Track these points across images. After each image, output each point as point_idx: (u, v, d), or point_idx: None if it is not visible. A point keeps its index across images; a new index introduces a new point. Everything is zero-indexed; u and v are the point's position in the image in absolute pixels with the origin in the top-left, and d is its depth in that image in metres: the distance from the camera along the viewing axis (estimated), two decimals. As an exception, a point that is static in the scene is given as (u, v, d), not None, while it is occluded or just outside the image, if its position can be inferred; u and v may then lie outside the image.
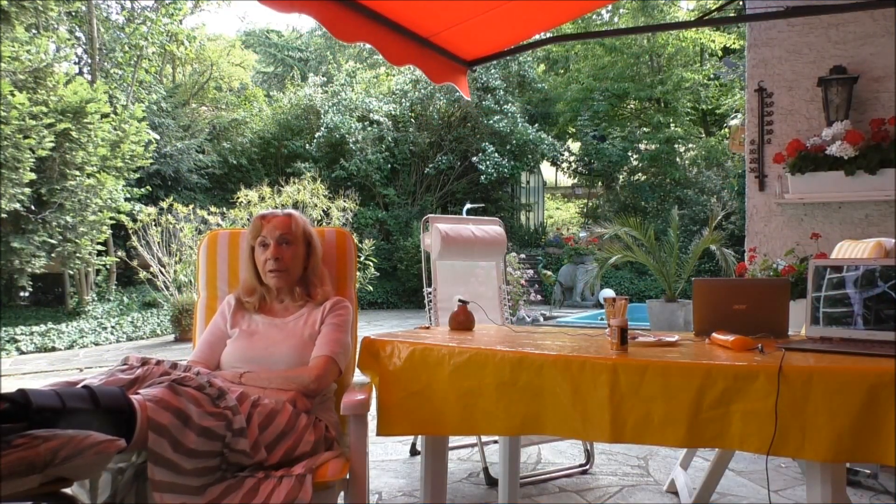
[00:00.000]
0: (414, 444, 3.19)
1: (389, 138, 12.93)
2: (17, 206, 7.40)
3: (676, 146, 14.06)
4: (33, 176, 7.45)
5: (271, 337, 1.90)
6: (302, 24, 24.31)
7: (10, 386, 4.57)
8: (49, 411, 1.22)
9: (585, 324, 8.12)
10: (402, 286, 11.93)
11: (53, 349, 7.32)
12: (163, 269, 7.94)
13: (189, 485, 1.36)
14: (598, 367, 1.52)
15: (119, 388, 1.38)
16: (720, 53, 14.56)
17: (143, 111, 9.42)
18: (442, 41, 3.46)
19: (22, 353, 7.09)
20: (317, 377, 1.78)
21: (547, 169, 16.84)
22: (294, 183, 9.12)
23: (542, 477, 2.80)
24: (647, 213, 13.04)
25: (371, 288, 9.83)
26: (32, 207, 7.95)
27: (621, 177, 14.61)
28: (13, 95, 7.19)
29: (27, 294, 8.55)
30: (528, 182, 15.08)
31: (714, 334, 1.73)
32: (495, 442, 2.98)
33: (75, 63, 11.50)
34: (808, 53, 4.62)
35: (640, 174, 14.45)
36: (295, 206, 8.57)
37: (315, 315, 1.94)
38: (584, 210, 15.54)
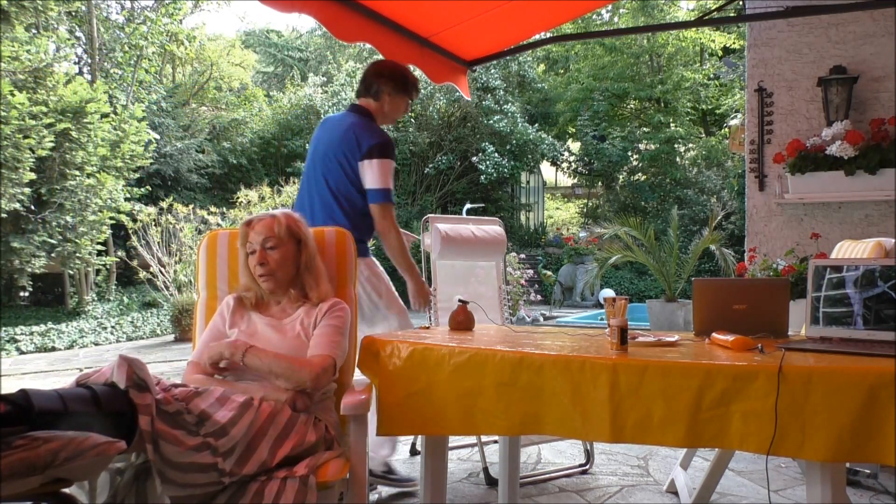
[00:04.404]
0: (414, 444, 3.19)
1: (389, 138, 12.92)
2: (17, 206, 7.41)
3: (676, 146, 14.06)
4: (33, 176, 7.46)
5: (269, 337, 1.89)
6: (302, 23, 24.32)
7: (10, 386, 4.57)
8: (50, 413, 1.22)
9: (585, 324, 8.12)
10: (403, 286, 11.91)
11: (53, 349, 7.32)
12: (163, 269, 7.94)
13: (196, 483, 1.38)
14: (598, 367, 1.52)
15: (123, 389, 1.38)
16: (720, 53, 14.56)
17: (143, 111, 9.42)
18: (442, 41, 3.47)
19: (22, 353, 7.09)
20: (316, 375, 1.76)
21: (547, 169, 16.84)
22: (294, 183, 9.11)
23: (542, 477, 2.80)
24: (647, 213, 13.03)
25: (371, 288, 9.79)
26: (32, 207, 7.95)
27: (621, 177, 14.60)
28: (13, 95, 7.19)
29: (27, 294, 8.56)
30: (528, 182, 15.08)
31: (714, 334, 1.73)
32: (495, 442, 2.98)
33: (75, 63, 11.50)
34: (808, 53, 4.62)
35: (640, 174, 14.45)
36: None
37: (312, 316, 1.93)
38: (584, 210, 15.54)
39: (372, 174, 2.42)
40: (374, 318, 2.56)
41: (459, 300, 2.19)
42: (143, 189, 9.53)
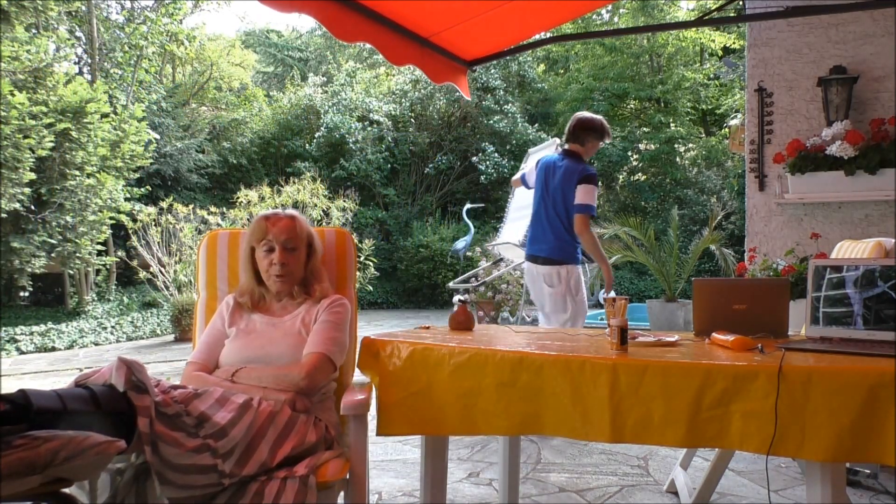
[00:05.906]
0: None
1: (389, 138, 12.93)
2: (17, 206, 7.40)
3: (676, 146, 14.05)
4: (33, 176, 7.45)
5: (268, 335, 1.90)
6: (302, 23, 24.29)
7: (10, 386, 4.57)
8: (50, 412, 1.22)
9: (586, 324, 8.10)
10: (402, 286, 11.93)
11: (53, 349, 7.32)
12: (163, 269, 7.94)
13: (195, 484, 1.37)
14: (598, 366, 1.52)
15: (122, 391, 1.38)
16: (720, 53, 14.55)
17: (143, 111, 9.41)
18: (442, 41, 3.47)
19: (22, 353, 7.09)
20: (307, 374, 1.76)
21: (547, 169, 16.80)
22: (294, 183, 9.11)
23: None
24: (647, 213, 13.03)
25: (371, 288, 9.82)
26: (32, 207, 7.95)
27: (621, 177, 14.59)
28: (13, 95, 7.19)
29: (27, 294, 8.55)
30: (528, 182, 15.05)
31: (714, 334, 1.73)
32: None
33: (75, 63, 11.50)
34: (808, 53, 4.62)
35: (640, 174, 14.44)
36: (295, 206, 8.57)
37: (312, 313, 1.93)
38: (584, 210, 15.51)
39: (579, 194, 3.40)
40: (566, 306, 3.48)
41: (459, 300, 2.19)
42: (143, 189, 9.52)
